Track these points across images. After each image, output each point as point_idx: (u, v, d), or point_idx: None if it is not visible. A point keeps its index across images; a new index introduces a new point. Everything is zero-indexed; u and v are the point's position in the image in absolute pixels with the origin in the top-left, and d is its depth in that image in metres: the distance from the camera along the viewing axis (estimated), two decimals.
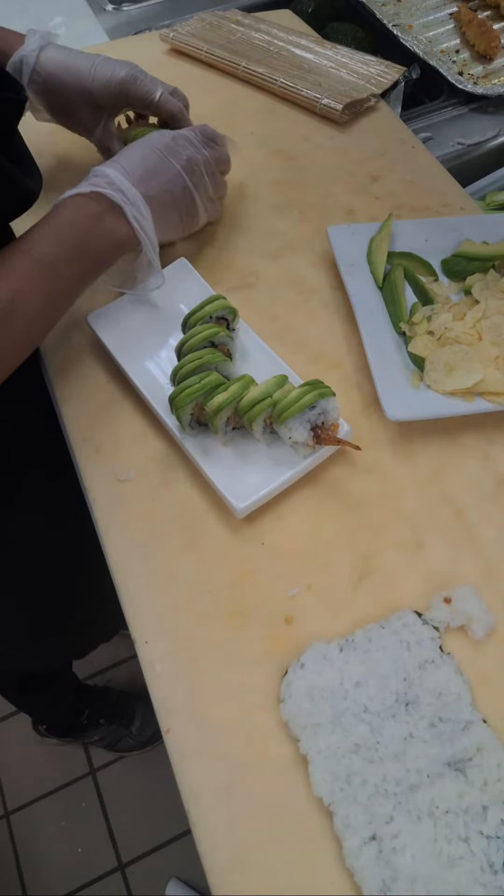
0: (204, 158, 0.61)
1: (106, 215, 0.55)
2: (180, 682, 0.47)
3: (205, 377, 0.53)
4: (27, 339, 0.52)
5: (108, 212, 0.55)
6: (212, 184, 0.64)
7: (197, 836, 0.42)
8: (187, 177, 0.60)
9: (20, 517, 0.71)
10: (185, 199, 0.61)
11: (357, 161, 0.81)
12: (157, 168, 0.58)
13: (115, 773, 1.34)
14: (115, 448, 0.58)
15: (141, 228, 0.56)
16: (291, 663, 0.46)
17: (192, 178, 0.60)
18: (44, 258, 0.51)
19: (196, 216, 0.64)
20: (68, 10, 1.19)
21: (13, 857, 1.27)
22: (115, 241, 0.55)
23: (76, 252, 0.53)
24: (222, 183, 0.67)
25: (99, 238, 0.54)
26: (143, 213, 0.56)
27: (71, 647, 1.06)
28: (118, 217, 0.55)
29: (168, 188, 0.59)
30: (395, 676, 0.45)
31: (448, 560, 0.52)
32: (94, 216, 0.54)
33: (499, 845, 0.40)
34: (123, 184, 0.55)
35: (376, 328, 0.62)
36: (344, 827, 0.41)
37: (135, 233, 0.56)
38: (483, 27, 1.01)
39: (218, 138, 0.65)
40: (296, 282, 0.69)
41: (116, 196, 0.54)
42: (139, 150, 0.59)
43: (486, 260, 0.66)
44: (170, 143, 0.60)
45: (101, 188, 0.54)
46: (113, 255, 0.56)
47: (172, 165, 0.59)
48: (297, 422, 0.52)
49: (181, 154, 0.60)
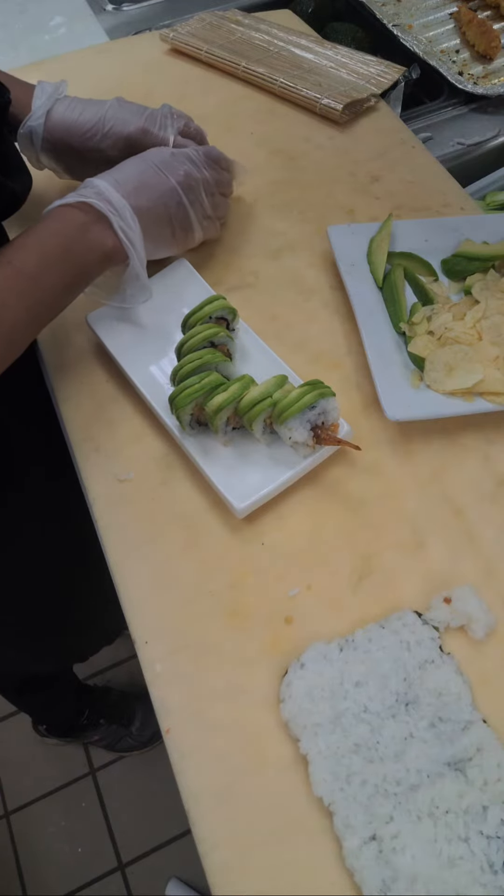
0: (203, 178, 0.61)
1: (92, 226, 0.53)
2: (180, 682, 0.47)
3: (205, 377, 0.53)
4: (6, 350, 0.50)
5: (95, 222, 0.54)
6: (210, 203, 0.63)
7: (197, 836, 0.42)
8: (183, 193, 0.59)
9: (19, 516, 0.71)
10: (180, 215, 0.60)
11: (357, 161, 0.80)
12: (152, 182, 0.57)
13: (115, 773, 1.34)
14: (115, 448, 0.58)
15: (128, 240, 0.55)
16: (291, 663, 0.46)
17: (189, 195, 0.59)
18: (26, 268, 0.50)
19: (191, 232, 0.62)
20: (68, 10, 1.19)
21: (13, 857, 1.27)
22: (101, 252, 0.54)
23: (60, 263, 0.52)
24: (223, 204, 0.66)
25: (84, 249, 0.53)
26: (132, 224, 0.55)
27: (71, 649, 1.06)
28: (105, 228, 0.54)
29: (161, 202, 0.58)
30: (395, 676, 0.45)
31: (448, 560, 0.52)
32: (79, 226, 0.53)
33: (499, 845, 0.40)
34: (112, 195, 0.54)
35: (376, 328, 0.62)
36: (344, 827, 0.41)
37: (122, 244, 0.55)
38: (483, 27, 1.01)
39: (223, 161, 0.64)
40: (296, 282, 0.69)
41: (103, 206, 0.53)
42: (135, 164, 0.58)
43: (486, 260, 0.66)
44: (168, 158, 0.59)
45: (88, 198, 0.53)
46: (99, 266, 0.55)
47: (168, 180, 0.58)
48: (297, 422, 0.52)
49: (178, 170, 0.59)
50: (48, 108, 0.63)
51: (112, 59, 0.97)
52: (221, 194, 0.65)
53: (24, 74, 0.94)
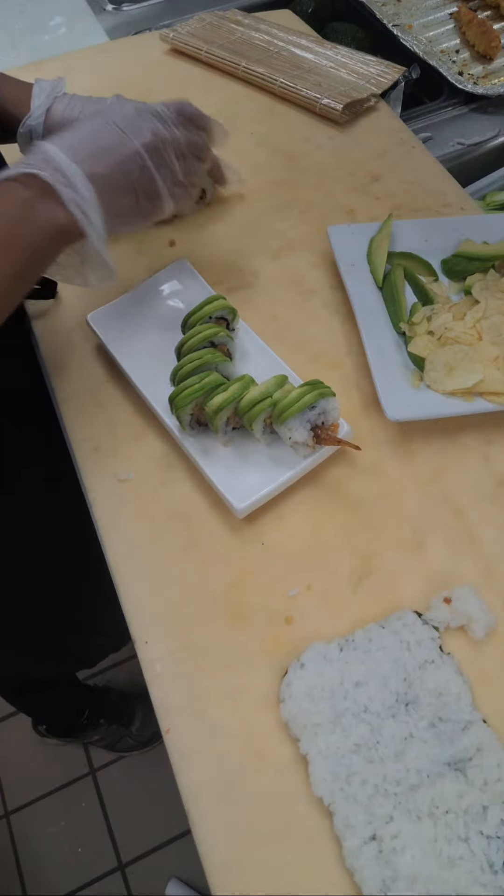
0: (173, 137, 0.53)
1: (38, 202, 0.46)
2: (180, 682, 0.47)
3: (205, 377, 0.53)
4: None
5: (42, 197, 0.47)
6: (182, 168, 0.54)
7: (197, 836, 0.42)
8: (148, 156, 0.51)
9: (15, 515, 0.71)
10: (144, 181, 0.52)
11: (357, 161, 0.80)
12: (111, 144, 0.50)
13: (115, 773, 1.34)
14: (115, 448, 0.58)
15: (83, 213, 0.47)
16: (291, 663, 0.46)
17: (154, 158, 0.51)
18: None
19: (158, 201, 0.54)
20: (68, 10, 1.19)
21: (13, 857, 1.27)
22: (52, 230, 0.47)
23: (4, 249, 0.46)
24: (196, 169, 0.57)
25: (31, 228, 0.46)
26: (86, 195, 0.48)
27: (72, 651, 1.05)
28: (54, 202, 0.47)
29: (122, 168, 0.50)
30: (395, 676, 0.45)
31: (448, 560, 0.52)
32: (22, 203, 0.46)
33: (499, 845, 0.40)
34: (62, 161, 0.47)
35: (376, 328, 0.62)
36: (344, 827, 0.41)
37: (75, 220, 0.48)
38: (483, 27, 1.01)
39: (198, 119, 0.57)
40: (296, 282, 0.69)
41: (51, 176, 0.46)
42: (91, 123, 0.51)
43: (486, 260, 0.66)
44: (131, 114, 0.52)
45: (33, 168, 0.46)
46: (51, 247, 0.49)
47: (129, 141, 0.50)
48: (297, 422, 0.52)
49: (142, 128, 0.51)
50: (48, 107, 0.61)
51: (112, 59, 0.97)
52: (195, 157, 0.56)
53: (24, 74, 0.94)
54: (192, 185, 0.57)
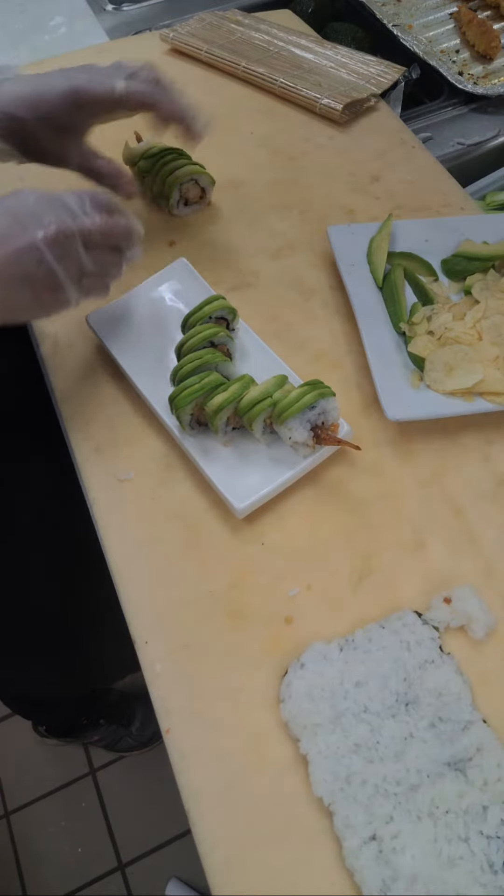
0: (82, 228, 0.48)
1: None
2: (180, 682, 0.47)
3: (205, 377, 0.53)
4: None
5: None
6: (92, 259, 0.50)
7: (197, 836, 0.42)
8: (47, 249, 0.46)
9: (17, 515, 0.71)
10: (43, 276, 0.48)
11: (357, 161, 0.81)
12: (3, 236, 0.46)
13: (115, 773, 1.34)
14: (115, 448, 0.58)
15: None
16: (291, 663, 0.46)
17: (55, 251, 0.47)
18: None
19: (61, 293, 0.49)
20: (68, 10, 1.19)
21: (13, 857, 1.27)
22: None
23: None
24: (112, 260, 0.52)
25: None
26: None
27: (85, 664, 1.04)
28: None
29: (14, 261, 0.46)
30: (395, 676, 0.45)
31: (448, 560, 0.52)
32: None
33: (499, 845, 0.40)
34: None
35: (376, 328, 0.62)
36: (344, 827, 0.41)
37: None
38: (483, 27, 1.00)
39: (114, 207, 0.52)
40: (296, 282, 0.69)
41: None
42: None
43: (486, 260, 0.66)
44: (31, 204, 0.48)
45: None
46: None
47: (25, 233, 0.46)
48: (297, 422, 0.52)
49: (44, 219, 0.47)
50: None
51: (112, 59, 0.96)
52: (111, 247, 0.51)
53: None
54: (106, 275, 0.53)
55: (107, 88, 0.57)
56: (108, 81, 0.57)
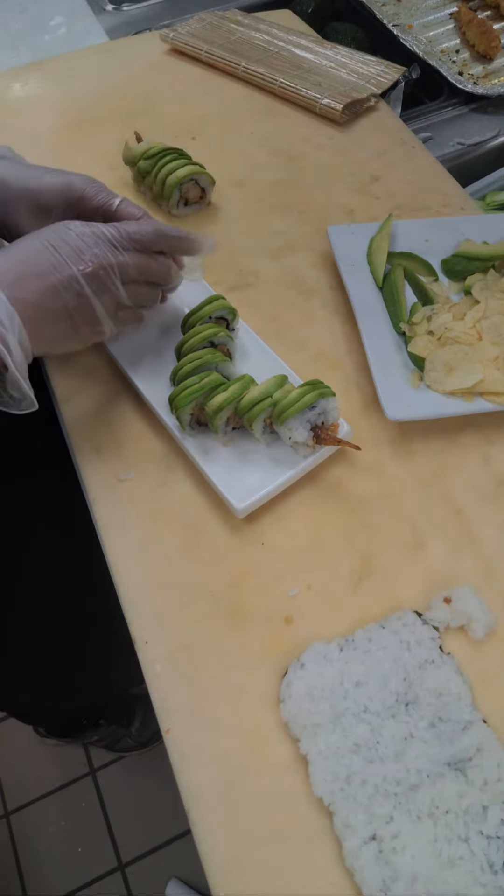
0: (120, 263, 0.49)
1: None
2: (180, 682, 0.47)
3: (205, 377, 0.53)
4: None
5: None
6: (129, 293, 0.51)
7: (197, 836, 0.42)
8: (86, 283, 0.48)
9: (20, 515, 0.71)
10: (81, 308, 0.49)
11: (357, 161, 0.81)
12: (43, 268, 0.47)
13: (115, 773, 1.34)
14: (115, 448, 0.58)
15: (2, 343, 0.44)
16: (291, 663, 0.46)
17: (94, 285, 0.48)
18: None
19: (98, 326, 0.51)
20: (68, 10, 1.19)
21: (13, 857, 1.27)
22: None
23: None
24: (147, 293, 0.54)
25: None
26: (6, 324, 0.44)
27: (87, 685, 1.03)
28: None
29: (54, 293, 0.47)
30: (395, 676, 0.45)
31: (448, 560, 0.52)
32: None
33: (499, 845, 0.40)
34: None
35: (376, 328, 0.62)
36: (344, 827, 0.41)
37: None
38: (483, 27, 1.01)
39: (156, 244, 0.52)
40: (296, 282, 0.69)
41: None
42: (30, 245, 0.48)
43: (486, 260, 0.66)
44: (73, 239, 0.48)
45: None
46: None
47: (67, 267, 0.47)
48: (297, 422, 0.52)
49: (85, 254, 0.48)
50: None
51: (112, 59, 0.97)
52: (147, 283, 0.53)
53: (24, 74, 0.94)
54: (141, 307, 0.54)
55: (104, 197, 0.56)
56: (107, 192, 0.56)
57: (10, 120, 0.87)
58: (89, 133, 0.84)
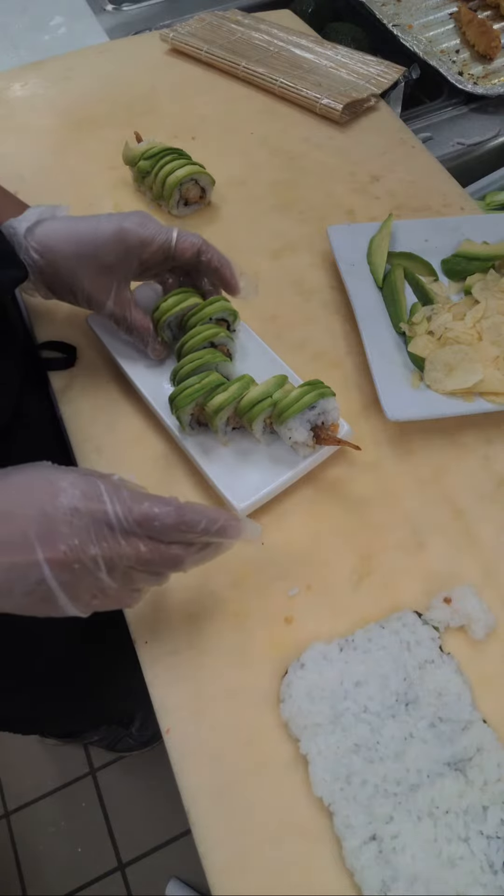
0: (110, 557, 0.38)
1: None
2: (180, 682, 0.47)
3: (205, 377, 0.53)
4: None
5: None
6: (120, 580, 0.40)
7: (197, 836, 0.42)
8: (52, 573, 0.37)
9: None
10: (39, 593, 0.38)
11: (357, 161, 0.81)
12: (3, 543, 0.37)
13: (115, 773, 1.34)
14: (116, 448, 0.58)
15: None
16: (291, 663, 0.46)
17: (63, 576, 0.37)
18: None
19: (55, 608, 0.39)
20: (68, 10, 1.19)
21: (13, 857, 1.27)
22: None
23: None
24: (148, 580, 0.42)
25: None
26: None
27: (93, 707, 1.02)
28: None
29: (8, 572, 0.37)
30: (395, 676, 0.45)
31: (448, 560, 0.52)
32: None
33: (499, 845, 0.40)
34: None
35: (376, 328, 0.62)
36: (344, 827, 0.41)
37: None
38: (483, 27, 1.00)
39: (170, 537, 0.40)
40: (296, 282, 0.69)
41: None
42: (11, 497, 0.38)
43: (486, 260, 0.66)
44: (51, 513, 0.37)
45: None
46: None
47: (31, 548, 0.37)
48: (297, 422, 0.52)
49: (59, 542, 0.37)
50: (38, 220, 0.55)
51: (112, 59, 0.97)
52: (149, 572, 0.41)
53: (24, 74, 0.94)
54: (135, 591, 0.42)
55: (161, 233, 0.55)
56: (164, 228, 0.55)
57: (10, 120, 0.87)
58: (89, 133, 0.84)
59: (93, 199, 0.77)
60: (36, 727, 1.06)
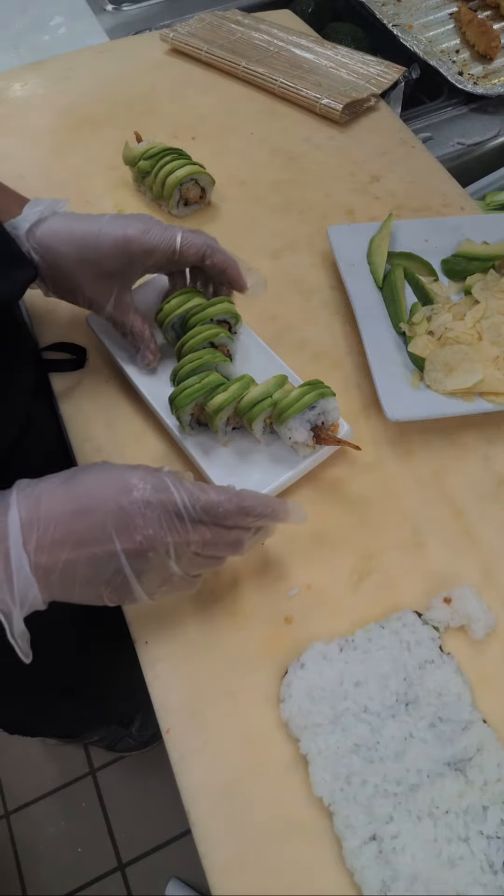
0: (179, 543, 0.41)
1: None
2: (180, 682, 0.47)
3: (205, 377, 0.53)
4: None
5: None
6: (186, 566, 0.43)
7: (197, 836, 0.42)
8: (128, 563, 0.40)
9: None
10: (116, 583, 0.41)
11: (357, 161, 0.81)
12: (86, 538, 0.39)
13: (115, 773, 1.34)
14: (116, 448, 0.58)
15: (5, 614, 0.39)
16: (291, 663, 0.46)
17: (138, 564, 0.41)
18: None
19: (129, 598, 0.42)
20: (68, 10, 1.19)
21: (13, 857, 1.27)
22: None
23: None
24: (209, 565, 0.45)
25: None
26: (18, 596, 0.39)
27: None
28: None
29: (90, 565, 0.40)
30: (395, 676, 0.45)
31: (448, 560, 0.52)
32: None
33: (499, 845, 0.40)
34: (13, 542, 0.38)
35: (376, 328, 0.62)
36: (344, 827, 0.41)
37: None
38: (483, 27, 1.00)
39: (233, 521, 0.43)
40: (296, 282, 0.69)
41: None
42: (79, 499, 0.41)
43: (486, 260, 0.66)
44: (126, 507, 0.40)
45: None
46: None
47: (109, 542, 0.40)
48: (297, 422, 0.52)
49: (136, 527, 0.40)
50: (40, 218, 0.54)
51: (112, 59, 0.97)
52: (210, 557, 0.44)
53: (24, 74, 0.94)
54: (196, 576, 0.46)
55: (165, 239, 0.54)
56: (168, 233, 0.54)
57: (10, 120, 0.87)
58: (89, 133, 0.84)
59: (93, 198, 0.77)
60: (37, 729, 1.06)
